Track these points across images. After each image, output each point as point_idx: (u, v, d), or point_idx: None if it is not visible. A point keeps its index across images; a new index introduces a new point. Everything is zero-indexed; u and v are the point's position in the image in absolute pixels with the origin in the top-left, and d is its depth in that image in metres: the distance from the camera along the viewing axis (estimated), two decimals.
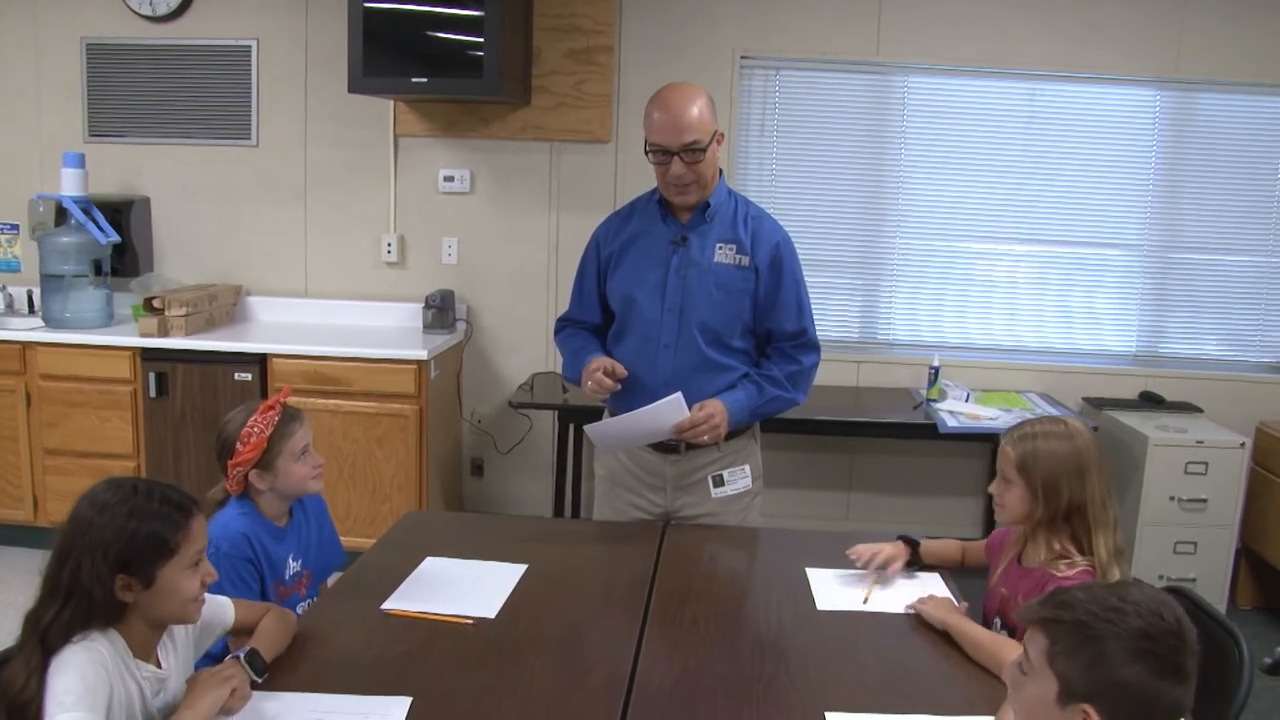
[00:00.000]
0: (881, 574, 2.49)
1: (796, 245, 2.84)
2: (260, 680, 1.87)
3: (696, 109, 2.62)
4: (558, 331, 3.00)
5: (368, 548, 2.70)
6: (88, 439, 4.46)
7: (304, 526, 2.52)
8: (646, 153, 2.68)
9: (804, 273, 2.84)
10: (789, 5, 4.62)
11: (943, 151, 4.75)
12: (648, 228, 2.81)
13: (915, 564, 2.56)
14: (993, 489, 2.32)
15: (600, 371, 2.69)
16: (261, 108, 4.87)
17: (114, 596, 1.67)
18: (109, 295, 4.68)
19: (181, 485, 2.43)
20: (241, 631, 2.01)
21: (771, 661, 2.05)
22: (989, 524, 4.83)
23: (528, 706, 1.86)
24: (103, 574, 1.65)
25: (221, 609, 1.98)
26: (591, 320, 2.92)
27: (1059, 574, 2.14)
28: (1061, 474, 2.19)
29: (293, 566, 2.44)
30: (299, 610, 2.37)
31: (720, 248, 2.74)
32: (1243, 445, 4.22)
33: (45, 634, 1.62)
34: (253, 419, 2.35)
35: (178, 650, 1.86)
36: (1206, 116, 4.68)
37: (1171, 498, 4.20)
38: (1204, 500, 4.20)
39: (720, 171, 2.79)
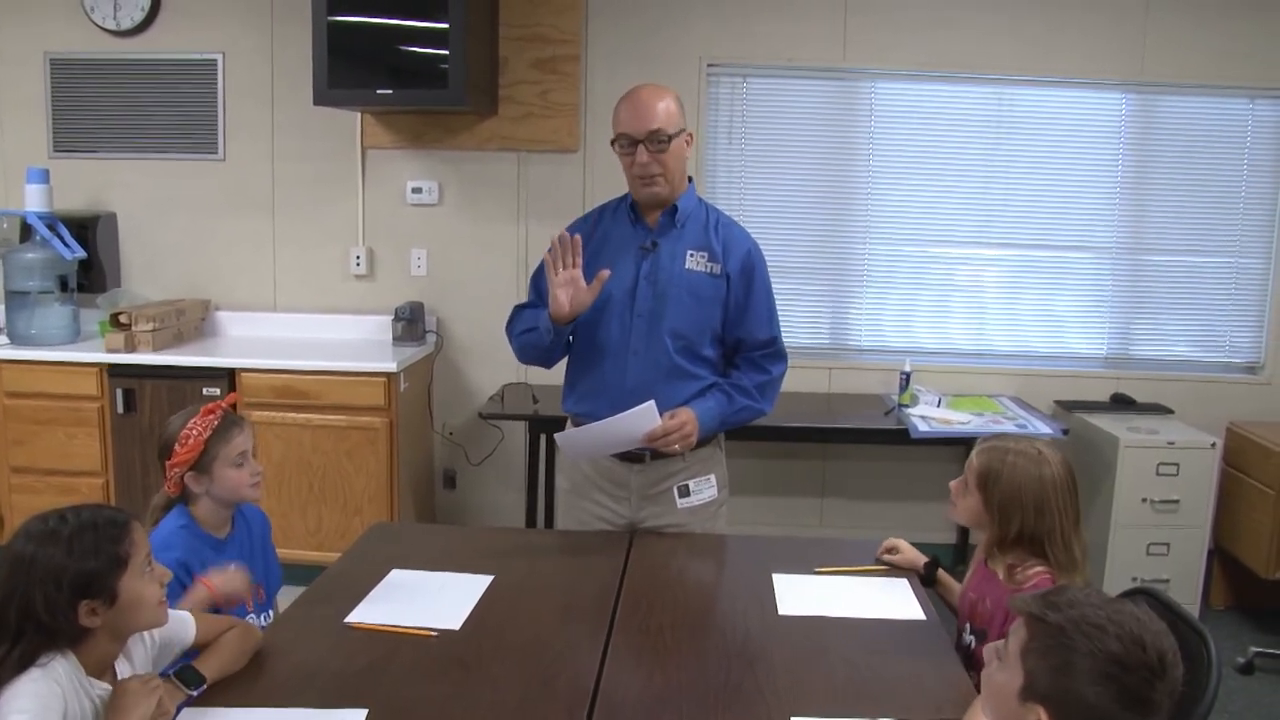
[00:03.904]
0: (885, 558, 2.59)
1: (766, 251, 2.84)
2: (194, 694, 1.84)
3: (665, 101, 2.65)
4: (515, 312, 2.92)
5: None
6: (55, 456, 4.41)
7: (247, 538, 2.49)
8: (613, 143, 2.69)
9: (773, 280, 2.84)
10: (756, 13, 4.63)
11: (911, 156, 4.76)
12: (617, 233, 2.80)
13: (928, 581, 2.54)
14: (952, 485, 2.32)
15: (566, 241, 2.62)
16: (228, 121, 4.83)
17: (77, 624, 1.65)
18: (75, 311, 4.63)
19: (149, 502, 2.42)
20: (204, 648, 1.97)
21: (738, 668, 2.04)
22: (963, 529, 4.84)
23: (488, 717, 1.84)
24: (60, 604, 1.63)
25: (183, 626, 1.95)
26: None
27: (1013, 585, 2.15)
28: (1016, 502, 2.17)
29: None
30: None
31: (691, 255, 2.73)
32: (1213, 446, 4.23)
33: None
34: (193, 421, 2.34)
35: (135, 668, 1.83)
36: (1172, 118, 4.71)
37: (1144, 499, 4.20)
38: (1176, 501, 4.21)
39: (690, 179, 2.79)
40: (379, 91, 4.30)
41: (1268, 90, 4.62)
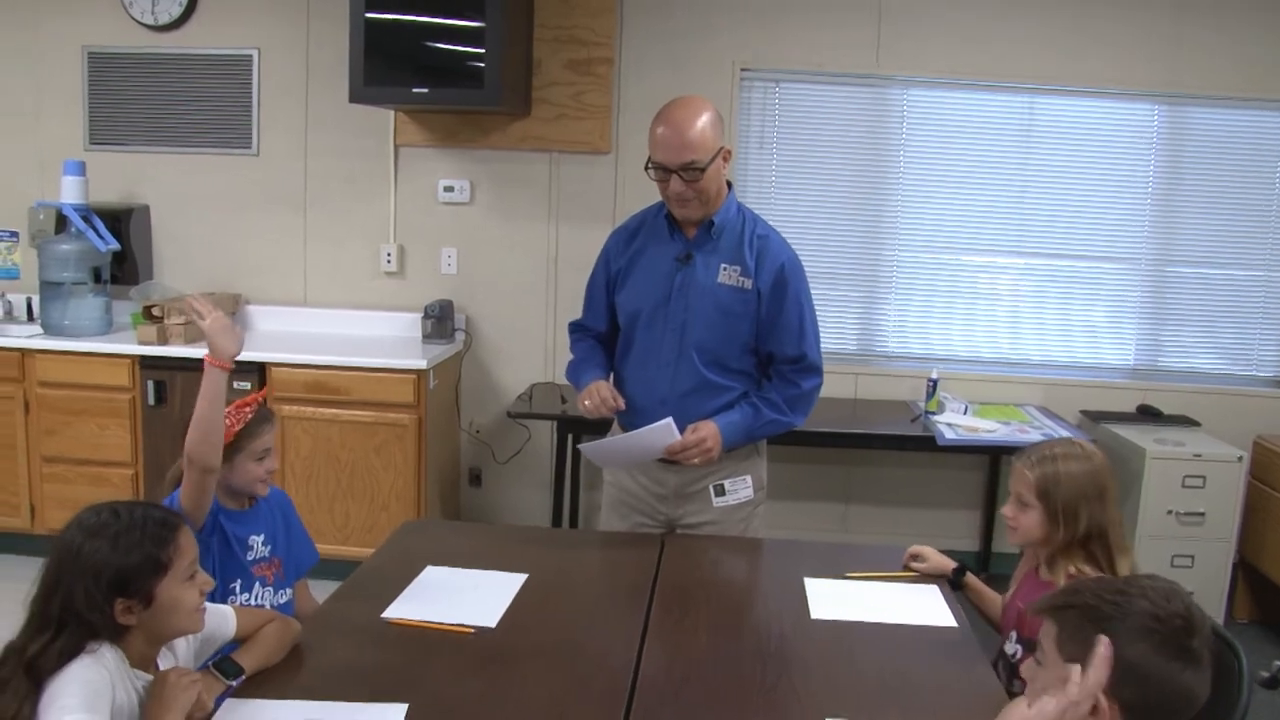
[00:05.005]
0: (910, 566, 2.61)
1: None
2: (233, 684, 1.86)
3: (699, 127, 2.60)
4: (570, 332, 3.04)
5: (366, 557, 2.70)
6: (86, 447, 4.46)
7: (269, 513, 2.52)
8: (647, 169, 2.68)
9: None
10: (789, 18, 4.64)
11: (942, 164, 4.76)
12: (654, 243, 2.81)
13: (955, 585, 2.55)
14: (1006, 511, 2.33)
15: (599, 395, 2.71)
16: (262, 117, 4.87)
17: (113, 620, 1.67)
18: (108, 303, 4.68)
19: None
20: (244, 640, 2.00)
21: (773, 670, 2.06)
22: (987, 536, 4.85)
23: (526, 716, 1.86)
24: (98, 600, 1.65)
25: (223, 620, 1.98)
26: (598, 328, 2.95)
27: None
28: (1081, 497, 2.21)
29: (260, 548, 2.44)
30: (258, 602, 2.39)
31: (725, 269, 2.73)
32: (1240, 459, 4.22)
33: (33, 663, 1.61)
34: (226, 410, 2.34)
35: (178, 660, 1.86)
36: (1204, 131, 4.70)
37: (1169, 511, 4.20)
38: (1202, 514, 4.20)
39: (730, 185, 2.79)
40: (415, 90, 4.32)
41: None
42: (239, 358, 2.13)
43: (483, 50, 4.23)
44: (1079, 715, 1.41)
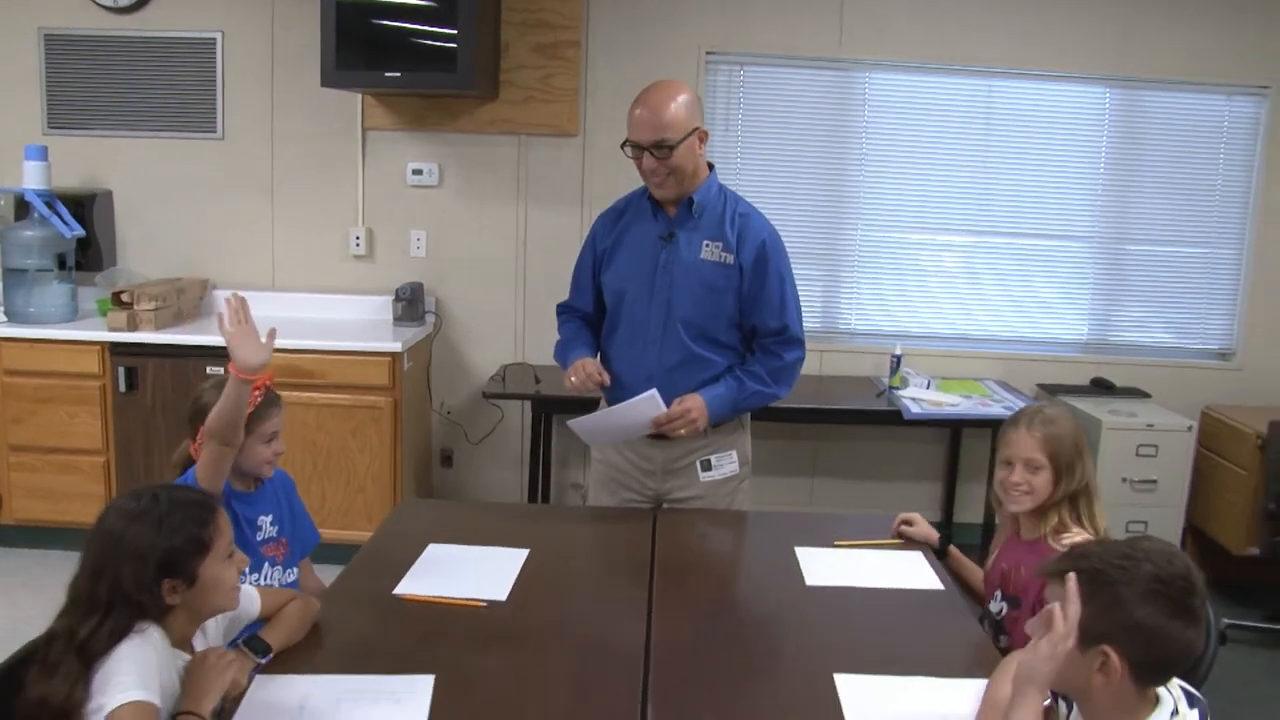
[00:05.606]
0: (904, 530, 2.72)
1: None
2: (262, 662, 1.92)
3: (673, 108, 2.69)
4: (558, 314, 3.11)
5: (347, 539, 2.77)
6: (56, 435, 4.42)
7: (275, 495, 2.57)
8: (624, 148, 2.76)
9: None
10: (754, 3, 4.71)
11: (903, 146, 4.87)
12: (638, 223, 2.89)
13: (940, 554, 2.66)
14: (1014, 478, 2.38)
15: (585, 371, 2.78)
16: (227, 100, 4.84)
17: (161, 600, 1.72)
18: (74, 289, 4.63)
19: (154, 481, 2.46)
20: (267, 619, 2.05)
21: (777, 634, 2.17)
22: (948, 508, 4.99)
23: (550, 683, 1.93)
24: (147, 581, 1.70)
25: (249, 600, 2.03)
26: (585, 309, 3.03)
27: (1060, 546, 2.27)
28: (1076, 453, 2.36)
29: (268, 528, 2.50)
30: (268, 581, 2.45)
31: (707, 245, 2.82)
32: (1190, 429, 4.41)
33: (85, 645, 1.64)
34: None
35: (208, 639, 1.91)
36: (1153, 113, 4.86)
37: (1123, 479, 4.37)
38: (1154, 481, 4.38)
39: (712, 167, 2.87)
40: (387, 74, 4.33)
41: (1243, 87, 4.78)
42: (211, 342, 2.13)
43: (454, 32, 4.25)
44: (1067, 648, 1.55)
